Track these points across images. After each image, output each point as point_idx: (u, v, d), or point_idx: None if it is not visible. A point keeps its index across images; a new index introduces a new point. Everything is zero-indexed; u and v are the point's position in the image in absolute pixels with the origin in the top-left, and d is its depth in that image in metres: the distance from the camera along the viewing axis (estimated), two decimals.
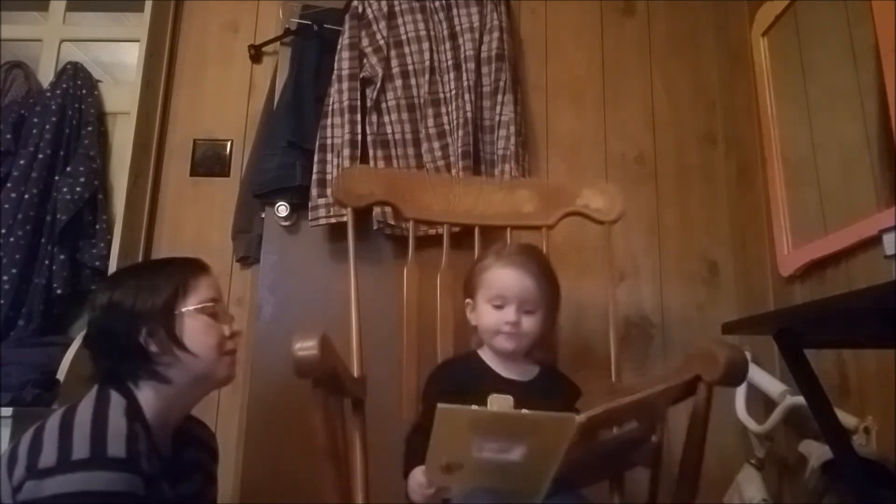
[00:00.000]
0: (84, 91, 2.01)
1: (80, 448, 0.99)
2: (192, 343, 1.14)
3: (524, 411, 0.91)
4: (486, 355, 1.22)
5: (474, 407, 0.90)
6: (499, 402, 0.96)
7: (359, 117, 1.87)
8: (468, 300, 1.24)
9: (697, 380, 1.00)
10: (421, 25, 1.99)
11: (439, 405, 0.87)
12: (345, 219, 1.74)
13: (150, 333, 1.12)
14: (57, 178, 1.89)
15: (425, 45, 1.98)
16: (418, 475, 1.01)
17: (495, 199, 1.47)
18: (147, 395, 1.13)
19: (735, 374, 0.96)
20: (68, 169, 1.90)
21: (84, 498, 0.96)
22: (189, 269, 1.20)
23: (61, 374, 1.66)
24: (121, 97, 2.07)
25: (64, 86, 1.98)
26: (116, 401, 1.08)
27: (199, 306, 1.16)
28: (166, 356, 1.12)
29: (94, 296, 1.18)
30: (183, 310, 1.15)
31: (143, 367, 1.12)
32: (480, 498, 0.98)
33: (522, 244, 1.24)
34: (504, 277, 1.15)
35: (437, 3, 2.01)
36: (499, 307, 1.15)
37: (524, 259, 1.16)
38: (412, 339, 1.35)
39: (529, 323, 1.16)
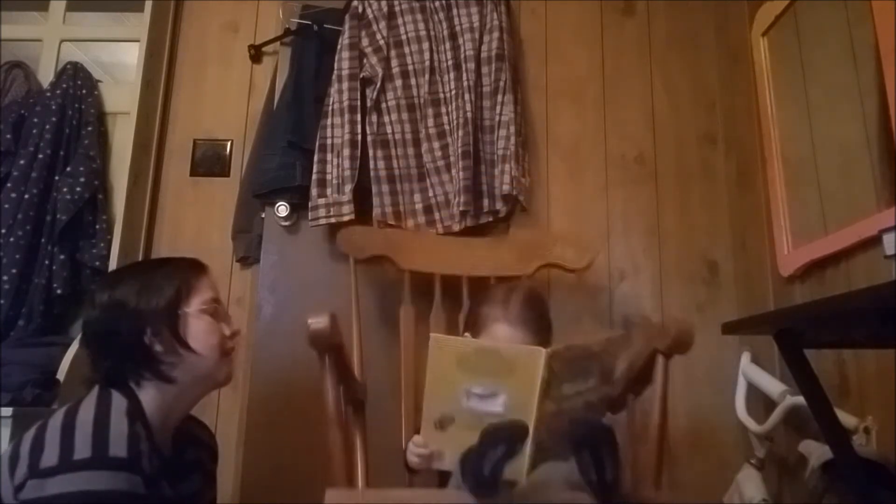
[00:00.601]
0: (84, 91, 2.01)
1: (82, 448, 1.00)
2: (196, 342, 1.15)
3: (500, 344, 1.10)
4: None
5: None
6: None
7: (359, 117, 1.87)
8: (466, 333, 1.31)
9: (655, 353, 1.18)
10: (421, 25, 1.99)
11: (432, 334, 1.00)
12: (345, 219, 1.78)
13: (155, 333, 1.12)
14: (57, 178, 1.89)
15: (425, 45, 1.98)
16: (416, 438, 1.09)
17: (479, 252, 1.69)
18: (149, 395, 1.13)
19: (682, 341, 1.15)
20: (68, 169, 1.90)
21: (86, 497, 0.97)
22: (190, 269, 1.21)
23: (61, 374, 1.66)
24: (121, 97, 2.07)
25: (64, 86, 1.98)
26: (118, 401, 1.08)
27: (202, 306, 1.17)
28: (170, 356, 1.13)
29: (92, 295, 1.17)
30: (186, 310, 1.15)
31: (147, 367, 1.12)
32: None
33: (527, 297, 1.30)
34: (508, 334, 1.23)
35: (437, 3, 2.01)
36: None
37: (528, 320, 1.25)
38: (409, 375, 1.45)
39: None
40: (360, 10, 1.98)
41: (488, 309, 1.28)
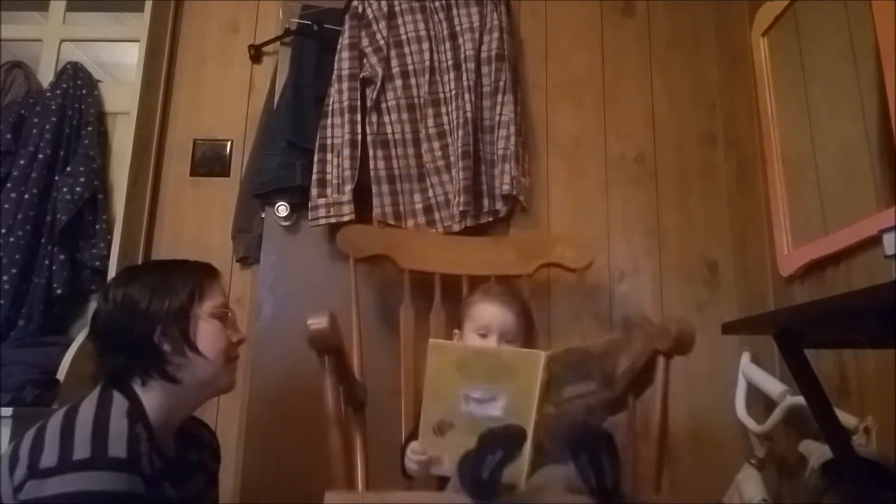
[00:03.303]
0: (84, 91, 2.01)
1: (82, 448, 1.00)
2: (204, 346, 1.15)
3: (500, 347, 1.14)
4: None
5: None
6: None
7: (359, 117, 1.87)
8: (456, 330, 1.38)
9: (656, 354, 1.17)
10: (421, 25, 1.99)
11: (431, 339, 1.03)
12: (345, 219, 1.78)
13: (165, 333, 1.13)
14: (57, 178, 1.89)
15: (425, 45, 1.98)
16: (413, 445, 1.10)
17: (480, 252, 1.69)
18: (153, 396, 1.13)
19: (683, 342, 1.14)
20: (68, 169, 1.90)
21: (85, 498, 0.97)
22: (204, 273, 1.22)
23: (61, 374, 1.66)
24: (121, 97, 2.07)
25: (64, 86, 1.98)
26: (118, 401, 1.08)
27: (212, 311, 1.18)
28: (177, 357, 1.13)
29: (106, 290, 1.18)
30: (198, 312, 1.16)
31: (154, 366, 1.13)
32: None
33: (505, 286, 1.40)
34: (489, 310, 1.31)
35: (437, 3, 2.01)
36: (483, 336, 1.29)
37: (506, 296, 1.33)
38: (409, 374, 1.47)
39: None
40: (360, 10, 1.98)
41: (468, 299, 1.37)
